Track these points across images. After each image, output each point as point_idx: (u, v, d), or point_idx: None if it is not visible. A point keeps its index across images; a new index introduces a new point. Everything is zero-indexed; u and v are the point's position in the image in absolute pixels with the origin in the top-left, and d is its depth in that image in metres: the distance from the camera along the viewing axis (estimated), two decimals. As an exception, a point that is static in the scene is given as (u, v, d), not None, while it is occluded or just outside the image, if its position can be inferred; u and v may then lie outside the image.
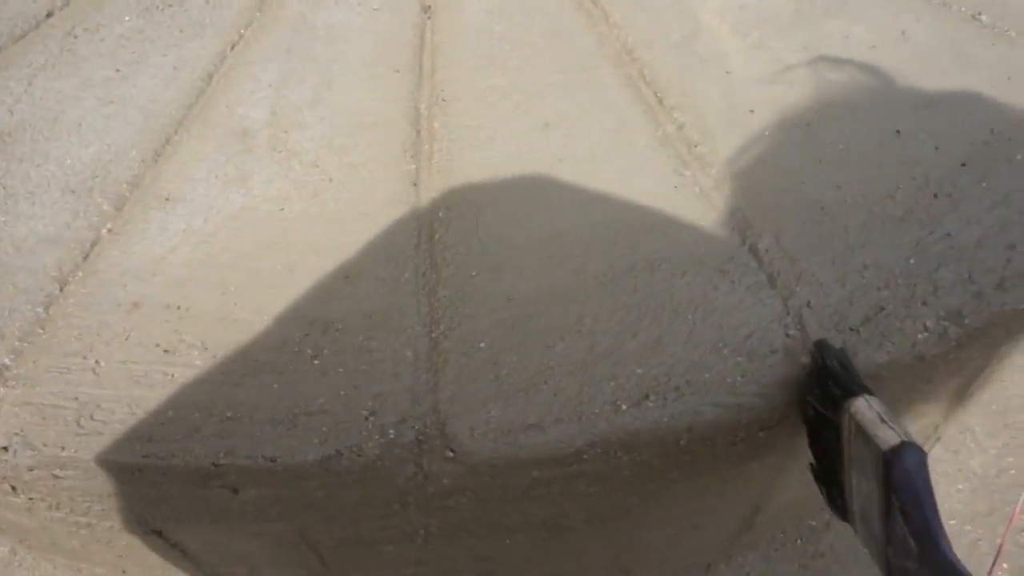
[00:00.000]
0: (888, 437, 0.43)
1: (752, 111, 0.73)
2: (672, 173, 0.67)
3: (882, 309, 0.57)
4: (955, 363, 0.64)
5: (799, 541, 0.95)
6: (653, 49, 0.82)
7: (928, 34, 0.81)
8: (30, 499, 0.58)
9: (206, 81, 0.78)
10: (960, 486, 1.07)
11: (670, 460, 0.55)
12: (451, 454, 0.51)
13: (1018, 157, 0.67)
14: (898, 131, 0.70)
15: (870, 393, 0.48)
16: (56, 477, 0.53)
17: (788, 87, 0.76)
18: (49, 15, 0.88)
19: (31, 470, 0.53)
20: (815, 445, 0.54)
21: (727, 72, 0.78)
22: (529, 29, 0.84)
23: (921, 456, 0.42)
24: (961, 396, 0.85)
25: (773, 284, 0.58)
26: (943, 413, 0.88)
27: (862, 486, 0.46)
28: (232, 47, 0.83)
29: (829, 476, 0.53)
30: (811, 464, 0.55)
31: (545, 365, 0.54)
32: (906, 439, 0.43)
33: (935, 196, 0.64)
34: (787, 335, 0.55)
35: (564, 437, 0.51)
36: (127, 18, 0.86)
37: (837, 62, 0.78)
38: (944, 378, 0.67)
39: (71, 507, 0.58)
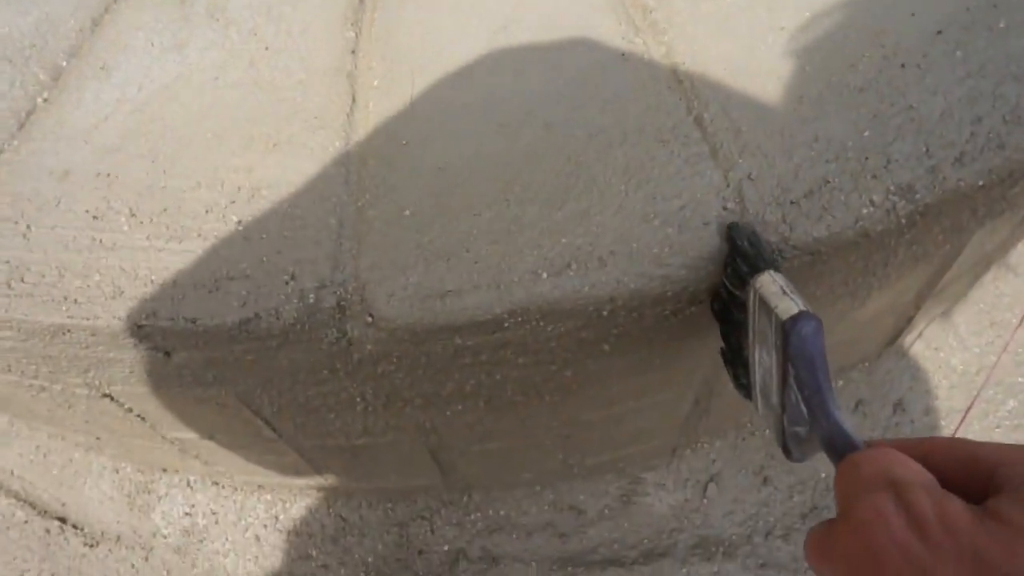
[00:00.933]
0: (788, 307, 0.42)
1: (718, -25, 0.68)
2: (621, 40, 0.63)
3: (827, 182, 0.54)
4: (914, 245, 0.62)
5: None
6: (625, -89, 0.76)
7: None
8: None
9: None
10: (940, 381, 1.06)
11: (598, 332, 0.55)
12: (370, 319, 0.51)
13: (1001, 24, 0.62)
14: (874, -4, 0.65)
15: (776, 269, 0.47)
16: (-6, 338, 0.55)
17: (763, -50, 0.70)
18: None
19: (-31, 330, 0.55)
20: (726, 327, 0.53)
21: (701, -66, 0.72)
22: None
23: (817, 324, 0.41)
24: (932, 286, 0.83)
25: (715, 156, 0.56)
26: (914, 303, 0.86)
27: (763, 359, 0.45)
28: (177, -89, 0.78)
29: (736, 356, 0.52)
30: (720, 347, 0.54)
31: (468, 233, 0.53)
32: (804, 308, 0.42)
33: (902, 66, 0.59)
34: (724, 208, 0.53)
35: (482, 304, 0.50)
36: None
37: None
38: (905, 262, 0.65)
39: (20, 370, 0.60)
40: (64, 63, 0.66)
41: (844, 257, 0.57)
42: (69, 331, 0.52)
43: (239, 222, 0.54)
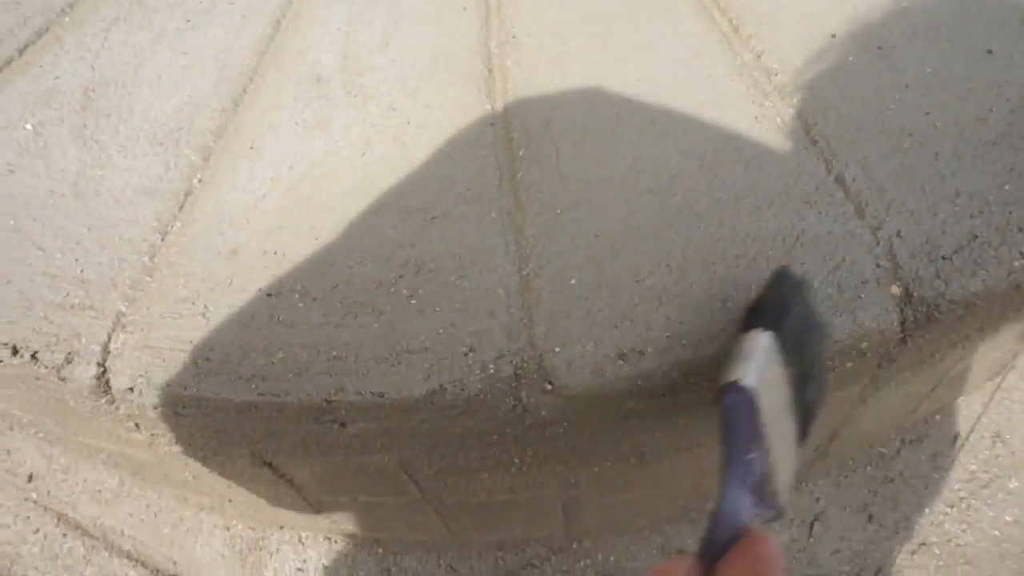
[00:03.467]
0: (731, 373, 0.42)
1: (833, 35, 0.71)
2: (751, 103, 0.66)
3: (975, 237, 0.56)
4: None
5: (869, 468, 0.97)
6: (724, -27, 0.79)
7: (1020, -57, 0.76)
8: (152, 435, 0.63)
9: (275, 28, 0.79)
10: (1030, 414, 1.06)
11: (758, 389, 0.56)
12: (549, 387, 0.53)
13: (1121, 72, 0.64)
14: (990, 51, 0.67)
15: (778, 330, 0.45)
16: (178, 415, 0.57)
17: (870, 8, 0.73)
18: (113, -33, 0.89)
19: (155, 408, 0.57)
20: None
21: (803, -6, 0.75)
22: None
23: (744, 399, 0.41)
24: (1040, 322, 0.84)
25: (861, 214, 0.58)
26: (1021, 339, 0.87)
27: None
28: (296, -9, 0.82)
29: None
30: None
31: (636, 299, 0.55)
32: (740, 380, 0.42)
33: (1031, 117, 0.62)
34: (877, 266, 0.55)
35: (658, 369, 0.52)
36: (190, -35, 0.86)
37: (921, -22, 0.75)
38: (1030, 304, 0.66)
39: (189, 442, 0.62)
40: (212, 143, 0.69)
41: (992, 308, 0.58)
42: (256, 407, 0.55)
43: (410, 296, 0.57)
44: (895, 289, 0.55)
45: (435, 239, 0.59)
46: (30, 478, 1.07)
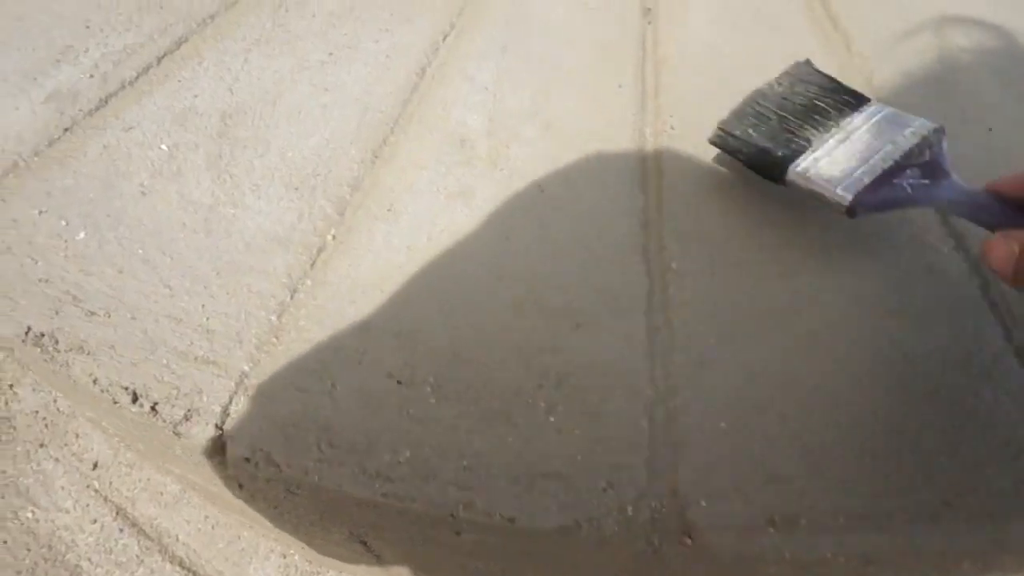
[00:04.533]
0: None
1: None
2: (931, 250, 0.61)
3: None
4: None
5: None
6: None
7: None
8: (250, 495, 0.61)
9: (419, 75, 0.76)
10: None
11: None
12: (688, 541, 0.50)
13: None
14: None
15: None
16: (290, 493, 0.55)
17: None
18: (258, -21, 0.87)
19: (268, 482, 0.55)
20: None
21: None
22: (763, 51, 0.77)
23: None
24: None
25: (1043, 398, 0.53)
26: None
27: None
28: (444, 37, 0.80)
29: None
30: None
31: (791, 457, 0.51)
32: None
33: None
34: (1056, 458, 0.51)
35: (811, 544, 0.49)
36: (336, -9, 0.84)
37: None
38: None
39: (292, 513, 0.60)
40: (349, 196, 0.67)
41: None
42: (376, 506, 0.52)
43: (549, 411, 0.54)
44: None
45: (578, 349, 0.56)
46: (95, 466, 1.07)
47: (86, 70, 0.79)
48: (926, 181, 0.56)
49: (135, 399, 0.57)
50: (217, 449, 0.56)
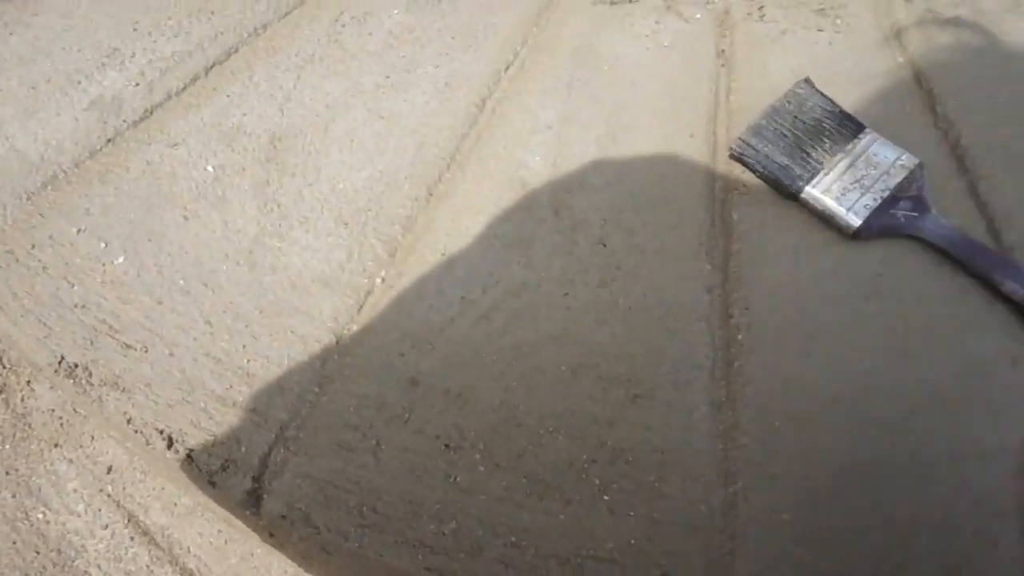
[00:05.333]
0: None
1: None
2: (1009, 339, 0.59)
3: None
4: None
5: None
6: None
7: None
8: (281, 545, 0.60)
9: (479, 107, 0.74)
10: None
11: None
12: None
13: None
14: None
15: None
16: (325, 553, 0.54)
17: None
18: (314, -9, 0.85)
19: (302, 540, 0.54)
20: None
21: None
22: (844, 105, 0.75)
23: None
24: None
25: None
26: None
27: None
28: (507, 68, 0.78)
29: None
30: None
31: (852, 558, 0.49)
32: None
33: None
34: None
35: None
36: (395, 10, 0.82)
37: None
38: None
39: (323, 569, 0.59)
40: (401, 237, 0.65)
41: None
42: (417, 578, 0.51)
43: (601, 487, 0.52)
44: None
45: (636, 423, 0.55)
46: (109, 470, 1.07)
47: (132, 77, 0.77)
48: (915, 213, 0.63)
49: (170, 444, 0.55)
50: (252, 503, 0.55)
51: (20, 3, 0.86)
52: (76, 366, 0.59)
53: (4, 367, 0.68)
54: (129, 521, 1.03)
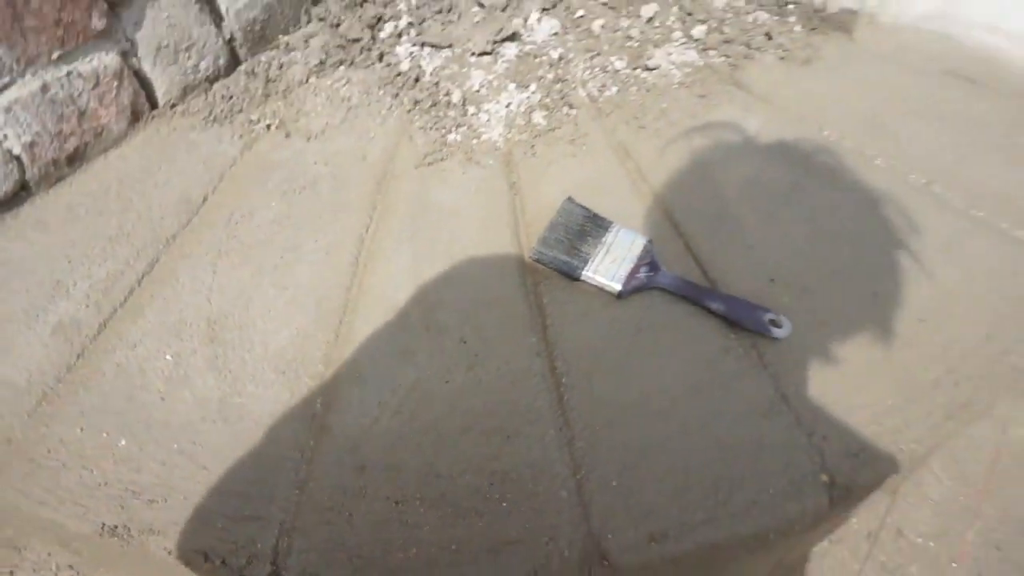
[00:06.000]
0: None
1: (772, 280, 1.03)
2: (720, 338, 0.97)
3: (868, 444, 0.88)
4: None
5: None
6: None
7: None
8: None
9: (354, 264, 1.05)
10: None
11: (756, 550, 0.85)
12: (606, 563, 0.80)
13: None
14: (875, 293, 1.01)
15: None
16: (332, 598, 0.81)
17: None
18: (204, 200, 1.13)
19: (313, 596, 0.80)
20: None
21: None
22: (600, 209, 1.12)
23: None
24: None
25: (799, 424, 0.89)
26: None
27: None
28: (367, 230, 1.09)
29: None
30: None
31: (658, 496, 0.83)
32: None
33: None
34: (812, 461, 0.86)
35: (678, 547, 0.80)
36: (272, 203, 1.12)
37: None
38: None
39: (329, 614, 0.85)
40: (324, 371, 0.94)
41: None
42: (399, 592, 0.79)
43: (501, 499, 0.83)
44: (824, 478, 0.85)
45: (512, 454, 0.86)
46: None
47: (80, 301, 1.01)
48: (652, 273, 1.01)
49: (206, 558, 0.80)
50: (273, 579, 0.81)
51: (-42, 260, 1.07)
52: (116, 527, 0.82)
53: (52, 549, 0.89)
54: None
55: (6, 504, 0.85)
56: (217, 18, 1.25)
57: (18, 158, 1.08)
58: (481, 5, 1.43)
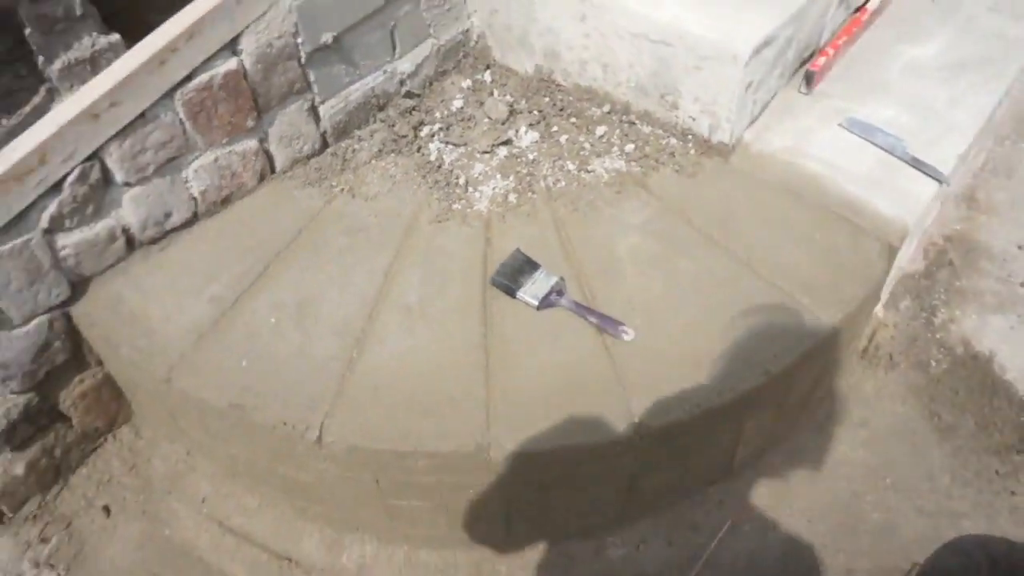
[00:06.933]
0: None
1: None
2: (588, 342, 1.64)
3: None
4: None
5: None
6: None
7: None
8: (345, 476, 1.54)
9: (384, 279, 1.77)
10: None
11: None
12: (507, 451, 1.47)
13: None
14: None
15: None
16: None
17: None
18: (299, 232, 1.87)
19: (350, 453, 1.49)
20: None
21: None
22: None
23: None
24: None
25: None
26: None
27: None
28: (395, 258, 1.81)
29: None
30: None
31: (538, 405, 1.50)
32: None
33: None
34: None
35: (534, 442, 1.46)
36: (340, 238, 1.85)
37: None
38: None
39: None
40: (360, 334, 1.65)
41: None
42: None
43: (432, 411, 1.51)
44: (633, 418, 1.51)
45: (442, 389, 1.55)
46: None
47: (224, 284, 1.75)
48: (559, 297, 1.67)
49: (284, 424, 1.50)
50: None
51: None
52: (237, 404, 1.53)
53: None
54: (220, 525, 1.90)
55: (175, 392, 1.57)
56: (317, 119, 2.02)
57: (195, 199, 1.85)
58: (489, 118, 2.17)
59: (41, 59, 1.63)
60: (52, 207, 1.57)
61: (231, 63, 1.74)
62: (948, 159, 1.96)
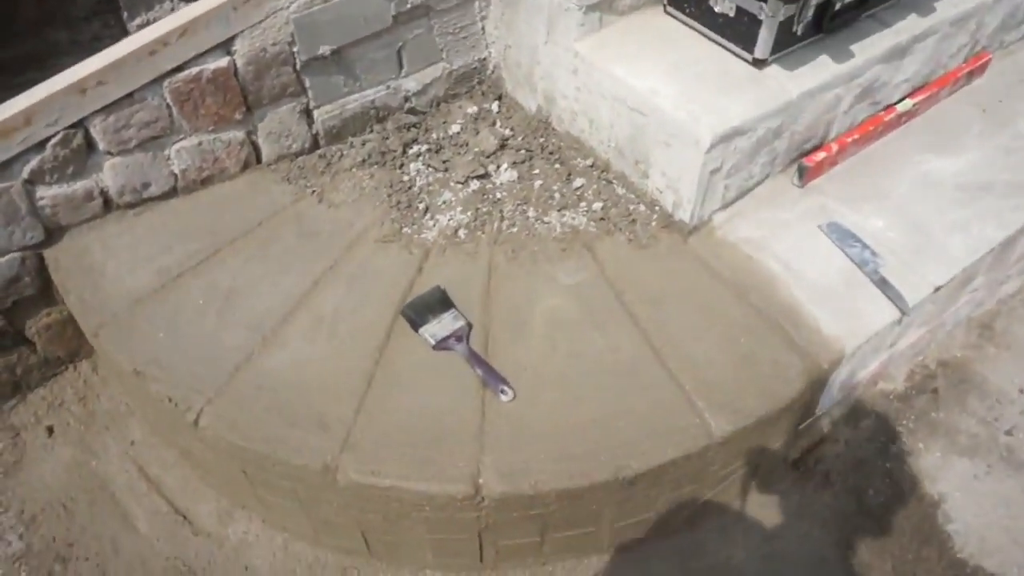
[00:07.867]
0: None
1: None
2: (471, 383, 1.70)
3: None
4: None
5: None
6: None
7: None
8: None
9: (320, 281, 1.89)
10: None
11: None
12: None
13: None
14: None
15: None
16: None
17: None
18: (260, 224, 2.04)
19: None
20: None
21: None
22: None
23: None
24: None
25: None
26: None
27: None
28: (332, 265, 1.93)
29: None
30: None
31: (395, 438, 1.58)
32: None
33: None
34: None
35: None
36: (292, 237, 2.00)
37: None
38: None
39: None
40: (283, 317, 1.79)
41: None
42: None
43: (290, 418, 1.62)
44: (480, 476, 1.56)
45: (324, 372, 1.65)
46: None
47: (178, 255, 1.94)
48: (459, 343, 1.73)
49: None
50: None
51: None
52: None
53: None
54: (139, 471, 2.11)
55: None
56: (310, 121, 2.17)
57: (175, 175, 2.05)
58: (477, 149, 2.25)
59: (125, 15, 1.89)
60: (33, 162, 1.80)
61: (222, 61, 1.91)
62: (921, 288, 1.86)
